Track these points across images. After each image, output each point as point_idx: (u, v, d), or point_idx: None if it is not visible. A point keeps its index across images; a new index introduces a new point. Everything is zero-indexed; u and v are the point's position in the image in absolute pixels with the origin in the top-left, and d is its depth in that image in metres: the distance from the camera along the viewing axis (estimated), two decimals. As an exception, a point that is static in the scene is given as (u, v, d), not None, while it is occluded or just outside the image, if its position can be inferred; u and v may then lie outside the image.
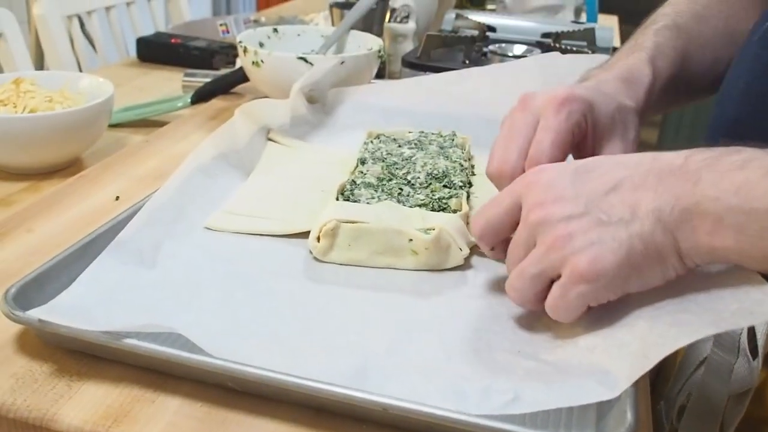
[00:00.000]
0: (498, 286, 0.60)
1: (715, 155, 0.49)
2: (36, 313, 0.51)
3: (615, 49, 1.37)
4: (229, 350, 0.48)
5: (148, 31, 1.56)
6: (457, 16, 1.38)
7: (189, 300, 0.57)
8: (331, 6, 1.27)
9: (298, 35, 1.12)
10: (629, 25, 1.64)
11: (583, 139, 0.63)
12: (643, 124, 0.69)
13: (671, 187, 0.48)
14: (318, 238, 0.63)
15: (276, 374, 0.47)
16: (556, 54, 1.05)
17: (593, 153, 0.64)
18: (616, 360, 0.48)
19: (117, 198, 0.77)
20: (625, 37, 0.84)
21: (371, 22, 1.18)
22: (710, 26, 0.78)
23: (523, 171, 0.60)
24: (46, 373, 0.51)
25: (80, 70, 1.48)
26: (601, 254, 0.48)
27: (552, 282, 0.52)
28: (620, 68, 0.70)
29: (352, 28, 1.11)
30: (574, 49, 1.24)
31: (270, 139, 0.86)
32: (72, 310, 0.52)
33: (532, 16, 1.44)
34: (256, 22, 1.50)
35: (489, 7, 1.84)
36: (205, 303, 0.56)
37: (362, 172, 0.76)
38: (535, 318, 0.56)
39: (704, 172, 0.48)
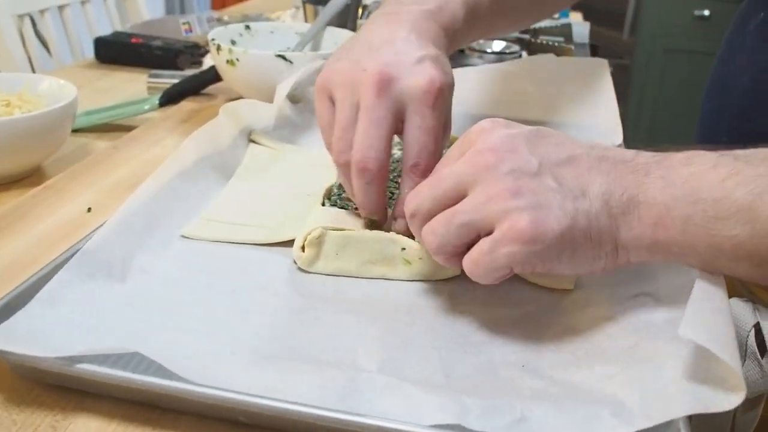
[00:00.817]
0: (498, 296, 0.56)
1: (663, 154, 0.49)
2: None
3: (592, 46, 1.36)
4: (208, 375, 0.43)
5: (104, 30, 1.48)
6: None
7: (163, 318, 0.51)
8: (304, 2, 1.22)
9: (271, 32, 1.07)
10: (590, 20, 1.64)
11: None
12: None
13: (622, 175, 0.48)
14: (303, 248, 0.58)
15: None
16: (549, 56, 1.02)
17: None
18: (635, 396, 0.44)
19: (89, 210, 0.71)
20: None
21: (345, 18, 1.14)
22: None
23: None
24: (27, 413, 0.45)
25: (33, 72, 1.40)
26: (545, 218, 0.46)
27: (478, 237, 0.49)
28: (433, 6, 0.65)
29: (328, 24, 1.06)
30: (555, 44, 1.22)
31: (252, 141, 0.81)
32: (28, 334, 0.46)
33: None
34: (220, 21, 1.44)
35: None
36: (181, 321, 0.51)
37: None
38: (542, 327, 0.52)
39: (653, 166, 0.48)
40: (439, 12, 0.66)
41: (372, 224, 0.61)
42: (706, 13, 2.99)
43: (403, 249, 0.58)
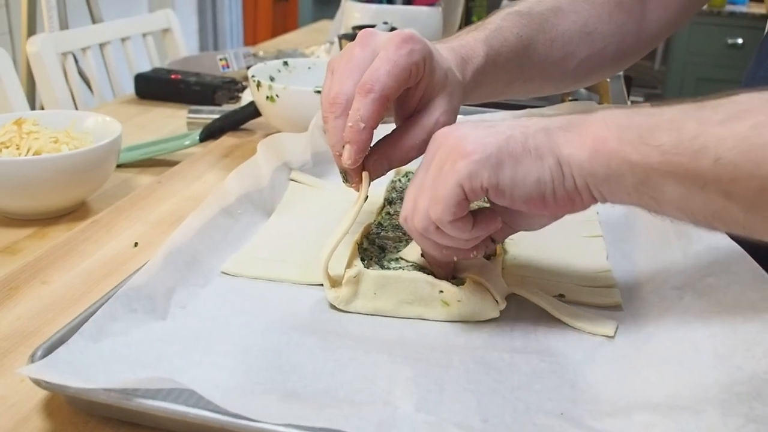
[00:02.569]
0: (536, 340, 0.56)
1: None
2: (29, 371, 0.45)
3: (626, 77, 1.36)
4: (245, 406, 0.43)
5: (143, 67, 1.51)
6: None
7: (201, 355, 0.52)
8: (340, 38, 1.24)
9: (309, 68, 1.09)
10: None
11: (415, 86, 0.62)
12: (466, 102, 0.70)
13: (567, 119, 0.52)
14: (338, 285, 0.59)
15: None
16: (591, 103, 1.02)
17: (418, 103, 0.63)
18: None
19: (135, 244, 0.72)
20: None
21: (381, 54, 1.15)
22: (568, 21, 0.78)
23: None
24: (80, 446, 0.46)
25: (76, 108, 1.43)
26: (484, 138, 0.51)
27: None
28: (456, 43, 0.70)
29: (364, 59, 1.08)
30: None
31: (292, 180, 0.82)
32: (71, 366, 0.47)
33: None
34: (256, 56, 1.47)
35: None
36: (218, 358, 0.51)
37: (389, 213, 0.72)
38: (578, 375, 0.51)
39: (598, 111, 0.51)
40: (459, 47, 0.69)
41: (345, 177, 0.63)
42: (740, 41, 2.98)
43: (441, 291, 0.58)
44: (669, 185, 0.47)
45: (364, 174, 0.61)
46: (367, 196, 0.62)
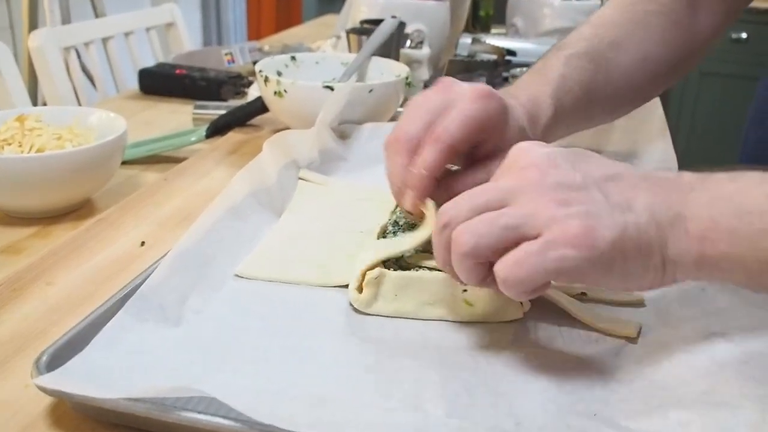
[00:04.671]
0: (561, 339, 0.55)
1: (706, 174, 0.49)
2: (44, 381, 0.44)
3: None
4: (272, 413, 0.42)
5: (147, 62, 1.50)
6: (474, 41, 1.34)
7: (219, 361, 0.50)
8: (348, 32, 1.22)
9: (317, 63, 1.07)
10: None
11: (487, 141, 0.62)
12: None
13: (666, 192, 0.48)
14: (360, 288, 0.57)
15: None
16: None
17: (489, 156, 0.62)
18: None
19: (142, 243, 0.70)
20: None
21: (389, 48, 1.13)
22: (629, 55, 0.77)
23: (419, 143, 0.59)
24: (88, 455, 0.44)
25: (79, 104, 1.41)
26: (596, 226, 0.45)
27: (516, 244, 0.47)
28: (524, 97, 0.69)
29: (372, 54, 1.06)
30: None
31: (301, 178, 0.80)
32: (86, 376, 0.46)
33: (547, 39, 1.40)
34: (262, 51, 1.45)
35: (494, 31, 1.80)
36: (238, 364, 0.50)
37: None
38: (607, 374, 0.50)
39: (697, 183, 0.48)
40: (528, 102, 0.69)
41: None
42: (744, 35, 2.96)
43: (465, 290, 0.56)
44: None
45: (430, 203, 0.59)
46: (433, 224, 0.60)
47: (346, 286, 0.59)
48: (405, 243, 0.59)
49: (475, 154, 0.63)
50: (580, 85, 0.73)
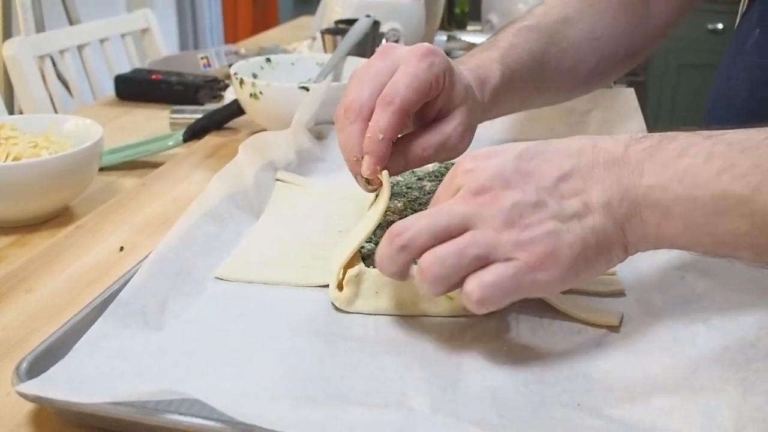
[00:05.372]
0: (542, 331, 0.55)
1: (654, 143, 0.49)
2: (26, 388, 0.44)
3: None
4: (256, 414, 0.42)
5: (123, 68, 1.49)
6: (449, 38, 1.34)
7: (202, 364, 0.50)
8: (323, 33, 1.22)
9: (292, 64, 1.07)
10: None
11: (434, 99, 0.63)
12: (483, 120, 0.71)
13: (618, 179, 0.48)
14: (340, 286, 0.58)
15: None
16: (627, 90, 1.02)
17: (437, 115, 0.64)
18: (701, 431, 0.43)
19: (121, 248, 0.70)
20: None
21: (365, 48, 1.14)
22: (575, 29, 0.79)
23: (372, 110, 0.60)
24: (72, 459, 0.44)
25: (56, 112, 1.41)
26: (559, 247, 0.47)
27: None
28: (472, 63, 0.70)
29: (347, 54, 1.06)
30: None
31: (278, 179, 0.81)
32: (69, 382, 0.46)
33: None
34: (238, 54, 1.45)
35: (469, 28, 1.81)
36: (220, 366, 0.50)
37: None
38: (590, 364, 0.51)
39: (646, 162, 0.48)
40: (476, 68, 0.69)
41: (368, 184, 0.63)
42: (720, 26, 2.99)
43: None
44: (741, 253, 0.47)
45: (384, 173, 0.61)
46: (390, 194, 0.61)
47: (327, 285, 0.59)
48: (370, 222, 0.59)
49: (423, 115, 0.64)
50: (530, 54, 0.73)
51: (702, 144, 0.47)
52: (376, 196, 0.74)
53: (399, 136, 0.63)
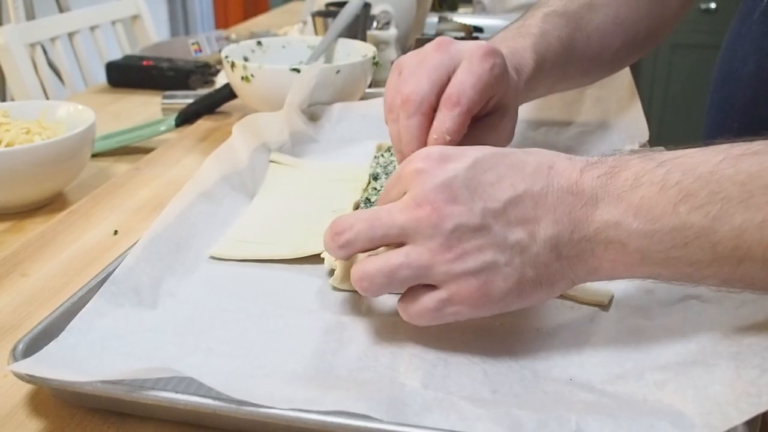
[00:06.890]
0: (536, 307, 0.55)
1: (608, 171, 0.46)
2: (20, 367, 0.44)
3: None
4: (248, 391, 0.42)
5: (114, 55, 1.48)
6: (441, 20, 1.34)
7: (195, 342, 0.51)
8: (314, 15, 1.22)
9: (283, 47, 1.07)
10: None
11: (493, 97, 0.62)
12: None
13: (570, 211, 0.46)
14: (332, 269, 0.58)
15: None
16: None
17: (490, 113, 0.63)
18: (693, 404, 0.42)
19: (115, 232, 0.71)
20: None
21: (355, 30, 1.13)
22: (600, 14, 0.78)
23: (435, 105, 0.58)
24: (70, 439, 0.45)
25: (47, 99, 1.40)
26: (493, 281, 0.46)
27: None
28: (506, 50, 0.67)
29: (339, 36, 1.06)
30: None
31: (272, 161, 0.81)
32: (62, 361, 0.46)
33: (514, 15, 1.41)
34: (229, 39, 1.44)
35: (461, 9, 1.81)
36: (214, 344, 0.50)
37: (376, 189, 0.71)
38: (582, 340, 0.51)
39: (600, 193, 0.45)
40: (510, 56, 0.68)
41: None
42: (713, 6, 2.98)
43: None
44: (704, 281, 0.45)
45: None
46: None
47: (319, 260, 0.59)
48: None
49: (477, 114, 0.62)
50: (560, 41, 0.73)
51: (656, 171, 0.44)
52: (371, 176, 0.74)
53: None
